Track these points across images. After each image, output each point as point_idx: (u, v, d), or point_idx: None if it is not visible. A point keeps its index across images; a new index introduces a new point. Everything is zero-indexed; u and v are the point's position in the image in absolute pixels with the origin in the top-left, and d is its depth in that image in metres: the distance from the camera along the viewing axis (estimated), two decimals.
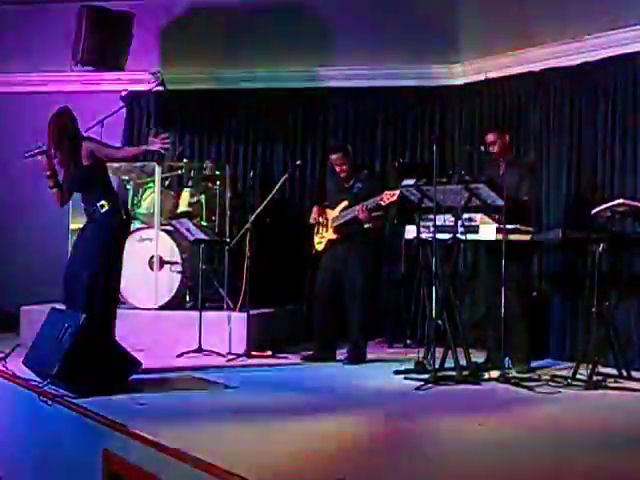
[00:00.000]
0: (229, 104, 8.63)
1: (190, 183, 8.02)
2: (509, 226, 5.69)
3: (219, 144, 8.68)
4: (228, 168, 8.00)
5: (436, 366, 5.65)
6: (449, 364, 5.78)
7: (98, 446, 4.09)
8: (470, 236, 5.82)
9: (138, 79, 8.52)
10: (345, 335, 6.65)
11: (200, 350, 6.68)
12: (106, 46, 8.18)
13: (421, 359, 5.96)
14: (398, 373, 5.90)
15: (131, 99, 8.63)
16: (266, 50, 8.37)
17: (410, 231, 6.28)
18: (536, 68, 7.30)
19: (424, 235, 6.00)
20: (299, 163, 7.45)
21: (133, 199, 7.90)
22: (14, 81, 8.79)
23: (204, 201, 7.80)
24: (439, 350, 5.77)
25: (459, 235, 5.81)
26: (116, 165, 7.36)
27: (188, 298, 7.64)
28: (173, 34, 8.63)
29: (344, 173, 6.68)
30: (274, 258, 8.05)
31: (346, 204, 6.59)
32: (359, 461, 3.69)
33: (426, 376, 5.57)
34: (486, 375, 5.74)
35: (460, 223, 5.81)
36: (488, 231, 5.79)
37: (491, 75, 7.67)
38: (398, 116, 8.30)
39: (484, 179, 5.88)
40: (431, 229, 5.82)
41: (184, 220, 7.23)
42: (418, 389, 5.38)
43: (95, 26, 8.08)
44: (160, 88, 7.77)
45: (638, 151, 6.51)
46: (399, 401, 5.18)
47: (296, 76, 8.41)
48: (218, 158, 8.38)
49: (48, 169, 5.71)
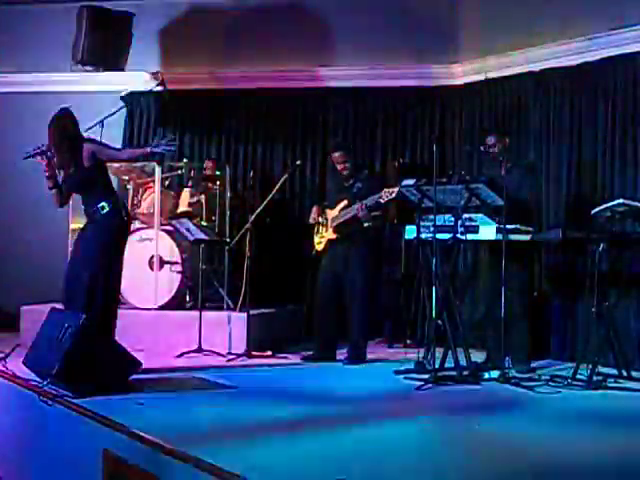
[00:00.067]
0: (229, 104, 8.64)
1: (190, 183, 8.03)
2: (509, 226, 5.70)
3: (219, 144, 8.69)
4: (228, 168, 8.00)
5: (436, 366, 5.66)
6: (449, 364, 5.79)
7: (98, 446, 4.08)
8: (470, 236, 5.83)
9: (138, 79, 8.53)
10: (345, 335, 6.65)
11: (200, 350, 6.68)
12: (106, 46, 8.20)
13: (421, 359, 5.96)
14: (398, 373, 5.91)
15: (131, 99, 8.63)
16: (266, 50, 8.38)
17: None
18: (536, 68, 7.31)
19: (424, 235, 6.00)
20: (299, 163, 7.45)
21: (133, 199, 7.91)
22: (14, 81, 8.79)
23: (204, 201, 7.80)
24: (439, 350, 5.77)
25: (459, 235, 5.82)
26: (116, 165, 7.36)
27: (188, 298, 7.64)
28: (173, 34, 8.65)
29: (346, 171, 6.67)
30: (274, 258, 8.07)
31: (345, 204, 6.59)
32: (359, 461, 3.68)
33: (426, 376, 5.57)
34: (486, 375, 5.75)
35: (460, 223, 5.81)
36: (488, 231, 5.80)
37: (491, 75, 7.68)
38: (398, 116, 8.31)
39: (484, 179, 5.88)
40: (431, 229, 5.82)
41: (184, 220, 7.23)
42: (418, 389, 5.39)
43: (95, 26, 8.10)
44: (160, 88, 7.77)
45: (638, 151, 6.51)
46: (399, 401, 5.18)
47: (296, 76, 8.41)
48: (218, 158, 8.39)
49: (47, 170, 5.70)
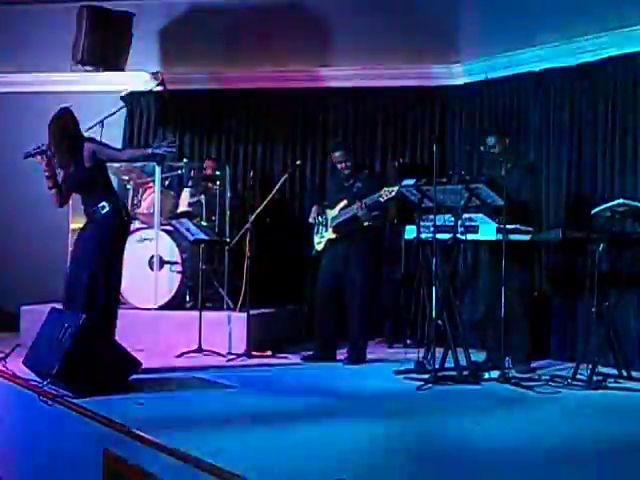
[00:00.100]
0: (229, 104, 8.63)
1: (190, 183, 8.03)
2: (509, 226, 5.70)
3: (219, 144, 8.68)
4: (228, 168, 8.00)
5: (436, 366, 5.66)
6: (449, 364, 5.78)
7: (98, 446, 4.08)
8: (470, 236, 5.83)
9: (138, 79, 8.53)
10: (345, 335, 6.65)
11: (200, 350, 6.68)
12: (106, 46, 8.19)
13: (421, 359, 5.96)
14: (398, 373, 5.91)
15: (131, 99, 8.62)
16: (266, 50, 8.37)
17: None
18: (536, 68, 7.31)
19: (424, 235, 6.00)
20: (299, 163, 7.45)
21: (133, 199, 7.91)
22: (14, 81, 8.78)
23: (204, 201, 7.80)
24: (439, 350, 5.77)
25: (459, 235, 5.82)
26: (116, 165, 7.36)
27: (188, 298, 7.64)
28: (173, 34, 8.64)
29: (347, 170, 6.66)
30: (274, 258, 8.06)
31: (345, 203, 6.58)
32: (359, 461, 3.68)
33: (426, 376, 5.57)
34: (486, 375, 5.75)
35: (460, 223, 5.81)
36: (488, 231, 5.80)
37: (491, 75, 7.67)
38: (398, 116, 8.30)
39: (484, 179, 5.88)
40: (431, 229, 5.82)
41: (184, 220, 7.23)
42: (418, 389, 5.39)
43: (95, 26, 8.09)
44: (160, 88, 7.77)
45: (638, 151, 6.51)
46: (399, 401, 5.18)
47: (296, 76, 8.41)
48: (218, 158, 8.38)
49: (47, 169, 5.70)
